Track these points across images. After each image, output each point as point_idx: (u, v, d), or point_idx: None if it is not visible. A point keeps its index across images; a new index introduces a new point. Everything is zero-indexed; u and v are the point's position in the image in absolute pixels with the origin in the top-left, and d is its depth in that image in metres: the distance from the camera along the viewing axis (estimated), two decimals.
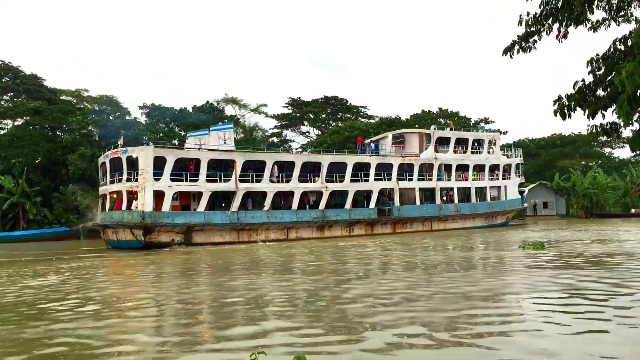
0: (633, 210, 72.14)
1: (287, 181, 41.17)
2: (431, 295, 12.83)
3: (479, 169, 51.66)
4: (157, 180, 36.00)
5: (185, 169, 37.83)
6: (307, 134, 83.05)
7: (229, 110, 78.72)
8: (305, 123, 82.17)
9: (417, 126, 62.61)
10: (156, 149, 36.60)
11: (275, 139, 79.56)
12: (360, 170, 44.70)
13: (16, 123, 64.03)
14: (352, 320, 10.43)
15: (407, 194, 46.98)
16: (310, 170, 42.53)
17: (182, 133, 73.05)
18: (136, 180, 35.98)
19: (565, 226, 50.01)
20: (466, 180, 50.33)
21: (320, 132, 79.88)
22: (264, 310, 11.59)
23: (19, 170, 56.33)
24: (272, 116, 79.88)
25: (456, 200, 49.13)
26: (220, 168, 39.03)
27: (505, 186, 53.05)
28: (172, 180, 36.59)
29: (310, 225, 41.28)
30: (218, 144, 39.60)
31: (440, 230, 46.66)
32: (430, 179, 47.94)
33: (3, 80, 64.10)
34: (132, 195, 36.40)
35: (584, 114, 8.53)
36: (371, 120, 79.79)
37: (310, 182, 42.16)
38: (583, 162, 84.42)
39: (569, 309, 10.91)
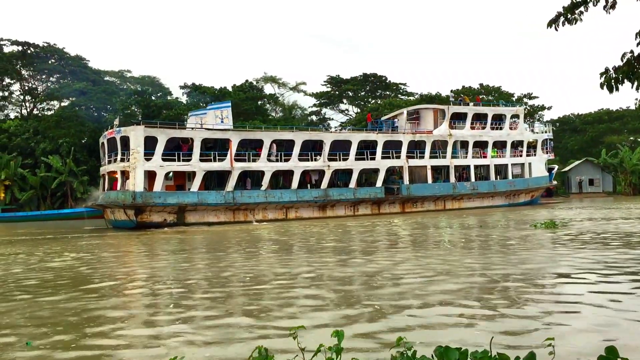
0: None
1: (287, 160, 38.97)
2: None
3: (501, 145, 47.53)
4: (148, 160, 34.69)
5: (179, 148, 36.34)
6: (346, 111, 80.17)
7: (268, 88, 77.06)
8: (344, 101, 79.20)
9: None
10: (147, 129, 35.21)
11: (314, 117, 77.26)
12: (367, 149, 41.87)
13: (63, 104, 64.78)
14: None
15: (418, 172, 43.74)
16: (312, 149, 40.12)
17: None
18: (129, 160, 34.85)
19: (606, 204, 45.48)
20: (485, 157, 46.40)
21: (359, 110, 76.81)
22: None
23: (66, 150, 56.75)
24: (311, 94, 77.47)
25: (473, 179, 45.40)
26: (215, 147, 37.31)
27: (530, 163, 48.55)
28: (164, 160, 35.20)
29: (310, 205, 39.00)
30: (215, 123, 37.88)
31: (455, 210, 43.26)
32: (444, 157, 44.41)
33: (49, 62, 64.73)
34: (127, 176, 35.35)
35: (632, 87, 8.12)
36: (411, 97, 75.93)
37: (312, 160, 39.79)
38: (632, 138, 77.18)
39: None
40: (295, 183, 38.81)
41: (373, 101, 77.46)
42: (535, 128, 51.06)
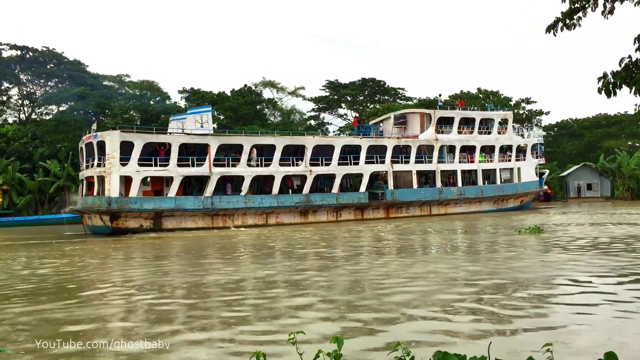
0: None
1: (267, 165, 37.86)
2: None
3: (489, 150, 46.04)
4: (124, 165, 33.76)
5: (156, 153, 35.37)
6: (344, 116, 78.95)
7: (267, 93, 76.09)
8: (343, 105, 77.99)
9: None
10: (123, 134, 34.27)
11: (312, 122, 76.17)
12: (351, 154, 40.64)
13: (61, 108, 64.26)
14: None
15: (403, 177, 42.42)
16: (293, 154, 38.97)
17: (221, 117, 71.44)
18: (104, 165, 33.94)
19: (603, 209, 44.02)
20: (472, 162, 44.95)
21: (357, 115, 75.58)
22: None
23: (64, 154, 56.13)
24: (309, 99, 76.41)
25: (460, 184, 43.97)
26: (194, 152, 36.31)
27: (519, 168, 47.00)
28: (140, 165, 34.25)
29: (291, 210, 37.85)
30: (195, 127, 36.87)
31: (441, 215, 41.88)
32: (430, 161, 43.04)
33: (48, 67, 64.27)
34: (103, 181, 34.44)
35: (631, 92, 8.06)
36: (409, 102, 74.57)
37: (293, 165, 38.63)
38: (629, 143, 75.21)
39: None
40: (276, 188, 37.69)
41: (372, 106, 76.22)
42: (524, 132, 49.37)
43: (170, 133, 36.11)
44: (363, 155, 40.48)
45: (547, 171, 53.81)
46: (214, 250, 21.78)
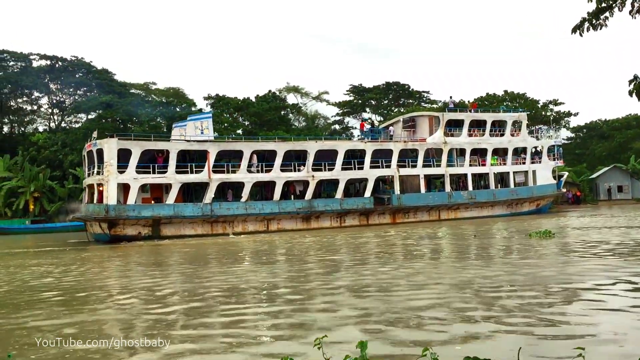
0: None
1: (268, 171, 36.53)
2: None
3: (502, 152, 43.49)
4: (121, 172, 33.01)
5: (154, 160, 34.52)
6: (368, 120, 76.93)
7: (291, 98, 74.89)
8: (367, 110, 76.02)
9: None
10: (120, 141, 33.56)
11: (337, 127, 74.58)
12: (355, 158, 38.91)
13: (90, 117, 64.59)
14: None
15: (410, 182, 40.36)
16: (295, 159, 37.53)
17: (246, 123, 70.67)
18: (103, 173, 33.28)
19: (634, 212, 40.72)
20: (484, 165, 42.51)
21: (382, 119, 73.59)
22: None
23: None
24: (333, 104, 74.81)
25: (470, 187, 41.62)
26: (193, 159, 35.31)
27: (534, 171, 44.18)
28: (137, 172, 33.44)
29: (293, 216, 36.39)
30: (195, 134, 35.90)
31: (450, 220, 39.65)
32: (439, 165, 40.87)
33: (77, 76, 64.73)
34: (101, 188, 33.80)
35: None
36: (434, 105, 72.07)
37: (295, 171, 37.17)
38: None
39: None
40: (277, 194, 36.32)
41: (396, 109, 74.10)
42: (540, 134, 46.51)
43: (170, 140, 35.22)
44: (368, 159, 38.69)
45: (567, 173, 50.64)
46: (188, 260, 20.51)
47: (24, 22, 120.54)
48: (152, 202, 34.47)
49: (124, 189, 33.23)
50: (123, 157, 33.07)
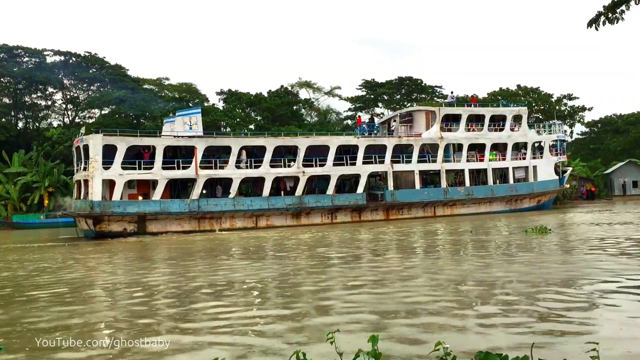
0: None
1: (257, 167, 35.26)
2: None
3: (502, 148, 41.34)
4: (106, 169, 32.14)
5: (141, 156, 33.56)
6: (381, 115, 75.10)
7: (303, 93, 73.44)
8: (380, 105, 74.04)
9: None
10: (105, 137, 32.68)
11: (349, 122, 72.89)
12: (348, 154, 37.35)
13: (103, 112, 64.26)
14: None
15: (405, 178, 38.56)
16: (285, 155, 36.18)
17: (258, 118, 69.58)
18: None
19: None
20: (481, 160, 40.45)
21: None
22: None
23: None
24: (345, 99, 73.11)
25: (467, 183, 39.65)
26: (181, 155, 34.25)
27: (535, 166, 41.87)
28: (123, 168, 32.53)
29: (283, 213, 35.09)
30: (184, 130, 34.84)
31: (446, 217, 37.83)
32: (435, 161, 39.01)
33: (90, 71, 64.34)
34: (87, 184, 33.03)
35: None
36: (445, 100, 69.76)
37: (285, 167, 35.83)
38: None
39: None
40: (267, 190, 35.05)
41: (409, 104, 72.02)
42: (547, 129, 44.14)
43: (158, 135, 34.26)
44: (360, 155, 37.09)
45: (570, 168, 48.03)
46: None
47: (38, 18, 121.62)
48: (140, 198, 33.54)
49: (110, 185, 32.38)
50: (109, 153, 32.17)
